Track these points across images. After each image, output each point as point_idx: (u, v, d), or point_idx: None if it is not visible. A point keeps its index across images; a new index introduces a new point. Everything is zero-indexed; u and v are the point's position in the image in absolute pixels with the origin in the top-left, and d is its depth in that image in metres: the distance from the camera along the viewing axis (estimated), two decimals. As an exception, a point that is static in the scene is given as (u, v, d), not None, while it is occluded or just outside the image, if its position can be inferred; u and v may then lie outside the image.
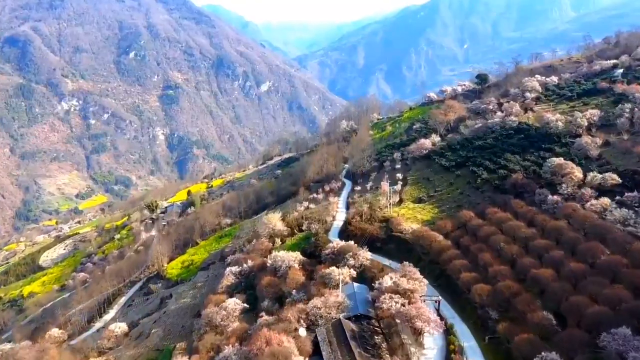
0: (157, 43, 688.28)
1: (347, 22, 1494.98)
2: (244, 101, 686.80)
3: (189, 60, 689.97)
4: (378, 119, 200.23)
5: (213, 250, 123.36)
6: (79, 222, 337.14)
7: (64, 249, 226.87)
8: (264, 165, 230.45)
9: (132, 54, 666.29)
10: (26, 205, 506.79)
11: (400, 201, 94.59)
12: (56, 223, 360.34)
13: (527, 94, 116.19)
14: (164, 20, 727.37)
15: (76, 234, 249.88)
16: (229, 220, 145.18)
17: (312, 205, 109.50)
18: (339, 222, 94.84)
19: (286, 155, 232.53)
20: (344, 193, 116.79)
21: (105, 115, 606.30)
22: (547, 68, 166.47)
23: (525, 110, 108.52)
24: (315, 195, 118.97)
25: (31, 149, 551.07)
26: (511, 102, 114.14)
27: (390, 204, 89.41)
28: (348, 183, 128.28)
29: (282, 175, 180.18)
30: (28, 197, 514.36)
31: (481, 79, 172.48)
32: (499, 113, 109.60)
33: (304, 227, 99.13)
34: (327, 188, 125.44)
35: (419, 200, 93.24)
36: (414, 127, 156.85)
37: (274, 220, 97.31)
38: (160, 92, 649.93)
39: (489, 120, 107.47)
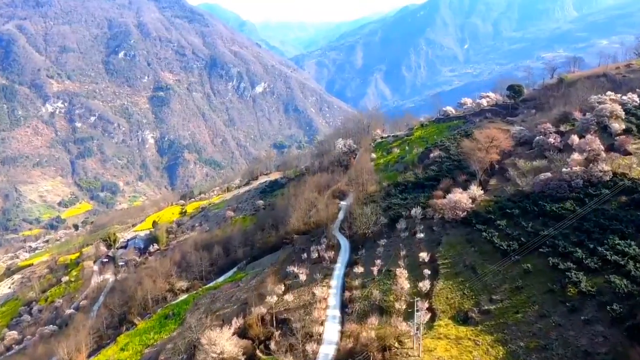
0: (148, 42, 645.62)
1: (345, 22, 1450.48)
2: (238, 103, 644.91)
3: (181, 60, 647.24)
4: (382, 138, 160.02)
5: (150, 343, 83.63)
6: (47, 241, 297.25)
7: (9, 288, 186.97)
8: (246, 189, 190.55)
9: (121, 54, 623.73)
10: (5, 214, 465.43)
11: (433, 316, 54.73)
12: (25, 241, 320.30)
13: (615, 125, 75.61)
14: (155, 19, 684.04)
15: (30, 265, 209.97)
16: (185, 284, 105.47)
17: (288, 297, 69.36)
18: (328, 350, 54.95)
19: (272, 177, 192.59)
20: (338, 270, 76.59)
21: (92, 118, 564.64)
22: (600, 78, 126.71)
23: (619, 152, 68.50)
24: (295, 269, 78.92)
25: (12, 154, 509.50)
26: (588, 136, 73.98)
27: (416, 333, 49.56)
28: (344, 244, 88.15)
29: (262, 213, 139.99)
30: (8, 205, 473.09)
31: (514, 91, 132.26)
32: (575, 156, 69.15)
33: (271, 346, 59.50)
34: (314, 253, 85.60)
35: (464, 318, 53.28)
36: (432, 155, 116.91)
37: (221, 341, 57.33)
38: (150, 93, 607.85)
39: (564, 169, 67.03)
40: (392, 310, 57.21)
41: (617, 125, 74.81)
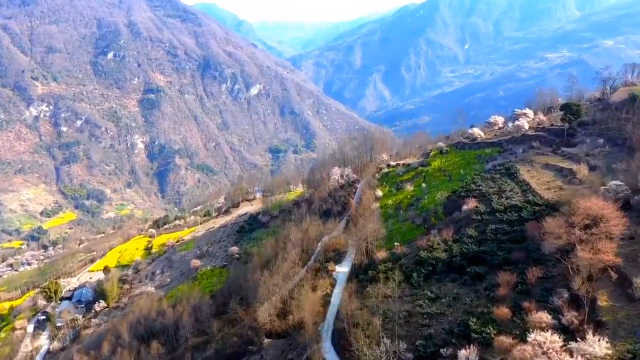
0: (138, 43, 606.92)
1: (344, 21, 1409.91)
2: (232, 105, 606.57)
3: (173, 61, 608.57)
4: (389, 167, 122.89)
5: None
6: (11, 265, 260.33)
7: None
8: (224, 221, 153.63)
9: (110, 55, 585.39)
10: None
11: None
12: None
13: None
14: (147, 18, 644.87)
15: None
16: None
17: None
18: None
19: (255, 206, 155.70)
20: None
21: (79, 122, 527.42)
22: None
23: None
24: None
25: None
26: None
27: None
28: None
29: (232, 273, 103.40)
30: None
31: (571, 111, 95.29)
32: None
33: None
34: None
35: None
36: (465, 207, 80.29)
37: None
38: (140, 95, 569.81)
39: None
40: None
41: None
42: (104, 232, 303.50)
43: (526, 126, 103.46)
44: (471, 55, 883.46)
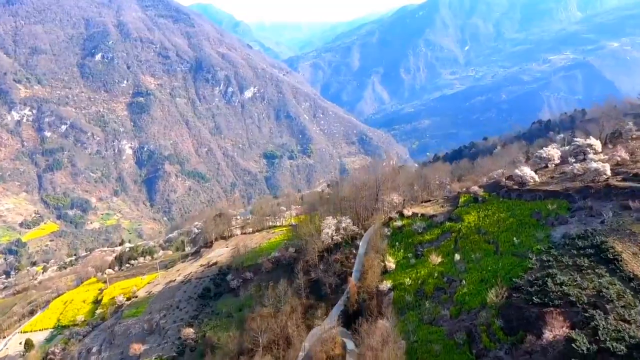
0: (128, 44, 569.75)
1: (342, 22, 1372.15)
2: (225, 109, 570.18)
3: (164, 63, 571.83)
4: (403, 217, 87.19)
5: None
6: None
7: None
8: (187, 273, 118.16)
9: (98, 56, 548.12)
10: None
11: None
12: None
13: None
14: (137, 19, 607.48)
15: None
16: None
17: None
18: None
19: (227, 254, 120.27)
20: None
21: (63, 127, 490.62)
22: None
23: None
24: None
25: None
26: None
27: None
28: None
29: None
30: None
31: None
32: None
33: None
34: None
35: None
36: (547, 333, 45.06)
37: None
38: (129, 99, 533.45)
39: None
40: None
41: None
42: (75, 254, 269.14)
43: (608, 171, 68.43)
44: (472, 57, 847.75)
